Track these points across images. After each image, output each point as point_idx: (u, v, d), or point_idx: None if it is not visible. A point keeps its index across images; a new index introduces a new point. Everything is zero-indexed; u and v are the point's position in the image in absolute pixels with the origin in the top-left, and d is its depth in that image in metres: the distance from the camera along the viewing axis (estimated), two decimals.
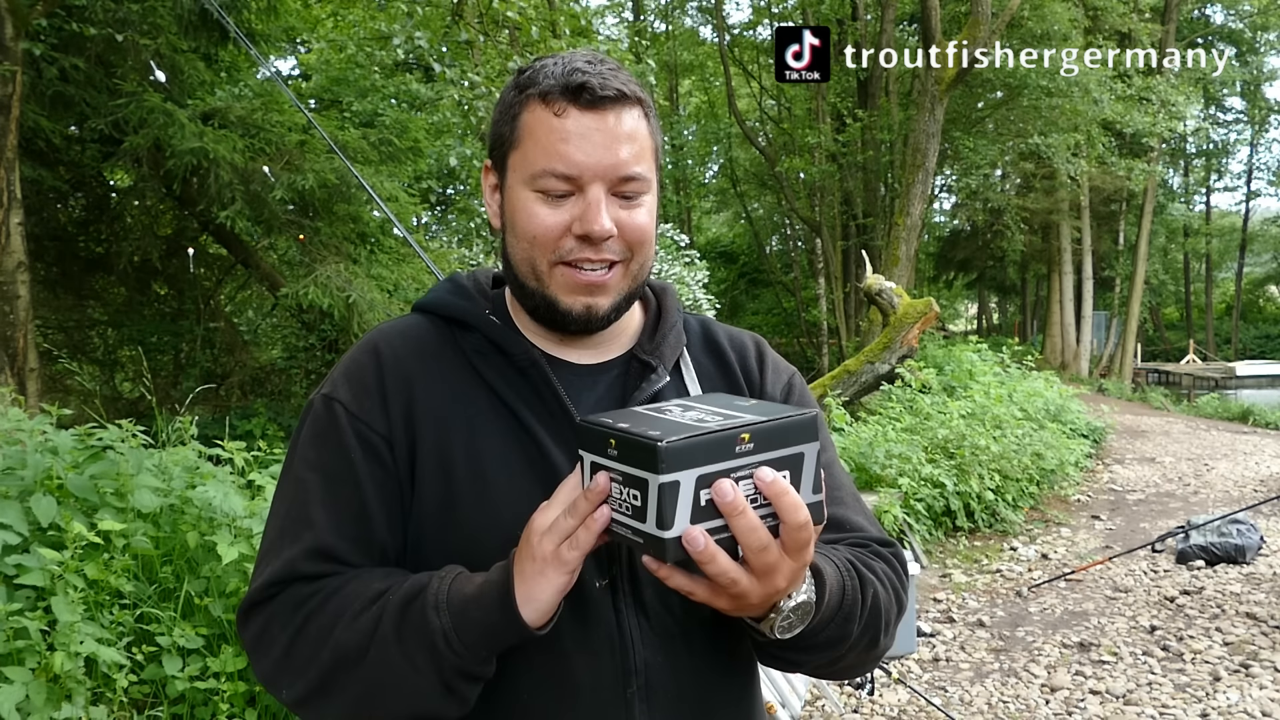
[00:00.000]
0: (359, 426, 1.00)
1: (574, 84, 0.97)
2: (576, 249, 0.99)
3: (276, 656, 0.96)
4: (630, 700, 0.99)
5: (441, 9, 9.43)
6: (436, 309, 1.10)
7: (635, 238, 1.01)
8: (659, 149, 1.06)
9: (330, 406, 1.03)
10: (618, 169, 0.98)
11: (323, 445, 1.02)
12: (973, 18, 12.50)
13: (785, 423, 0.84)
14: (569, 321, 1.02)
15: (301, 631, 0.94)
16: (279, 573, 0.97)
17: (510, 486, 0.99)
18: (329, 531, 0.98)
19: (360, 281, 6.92)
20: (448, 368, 1.05)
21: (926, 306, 8.66)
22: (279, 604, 0.97)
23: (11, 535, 2.69)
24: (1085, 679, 4.31)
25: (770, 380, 1.17)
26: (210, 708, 2.91)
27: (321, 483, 1.00)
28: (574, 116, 0.98)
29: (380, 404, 1.01)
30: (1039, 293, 31.51)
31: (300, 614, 0.95)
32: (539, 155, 0.99)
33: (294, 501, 1.01)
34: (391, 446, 1.00)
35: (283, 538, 1.00)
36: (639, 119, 1.01)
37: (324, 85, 9.14)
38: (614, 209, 0.99)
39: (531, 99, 1.00)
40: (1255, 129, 32.82)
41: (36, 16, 5.99)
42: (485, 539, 0.97)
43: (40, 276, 7.79)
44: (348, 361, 1.08)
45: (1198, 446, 11.96)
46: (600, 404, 1.06)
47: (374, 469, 1.00)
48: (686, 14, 25.07)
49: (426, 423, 1.01)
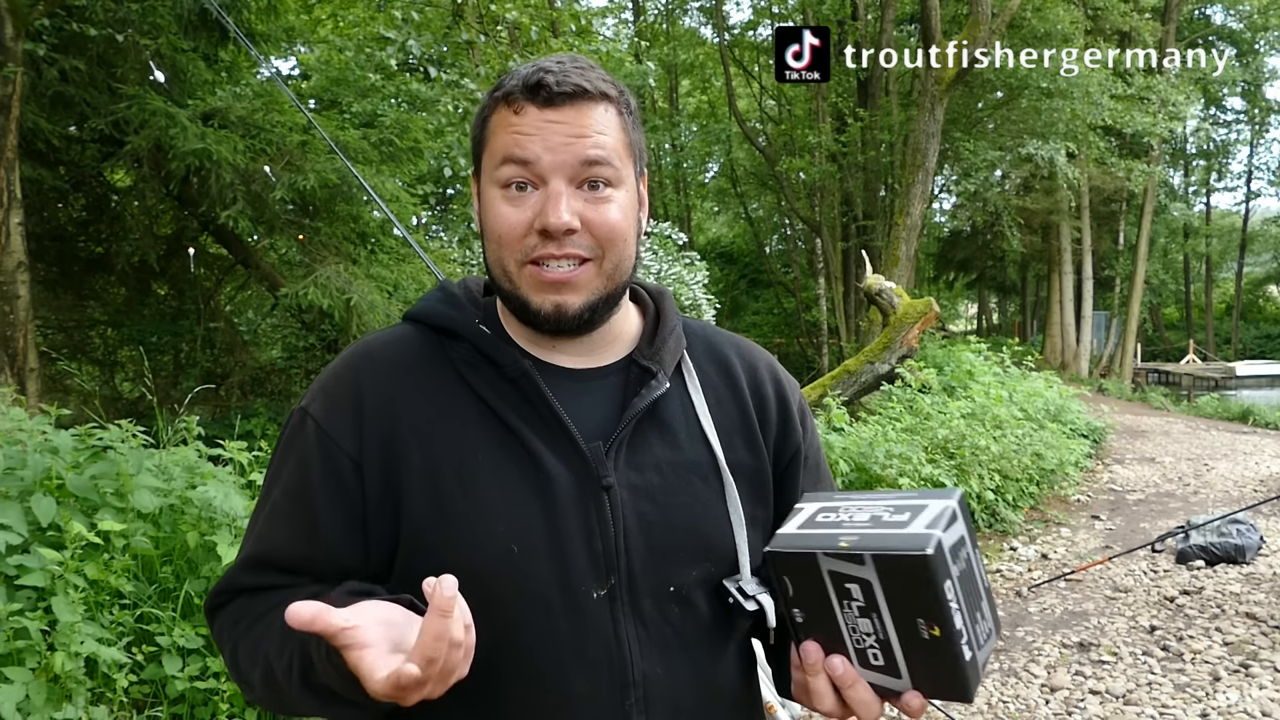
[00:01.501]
0: (326, 444, 1.00)
1: (532, 82, 0.97)
2: (540, 246, 0.98)
3: (229, 662, 1.03)
4: (629, 712, 0.98)
5: (442, 10, 9.44)
6: (426, 319, 1.08)
7: (604, 234, 0.99)
8: (635, 145, 1.04)
9: (303, 420, 1.02)
10: (577, 159, 0.97)
11: (286, 458, 1.03)
12: (973, 18, 12.50)
13: None
14: (540, 321, 1.01)
15: (237, 649, 1.00)
16: (226, 582, 1.04)
17: (503, 497, 0.98)
18: (274, 546, 1.01)
19: (360, 282, 6.91)
20: (436, 380, 1.03)
21: (926, 306, 8.66)
22: (225, 614, 1.04)
23: (12, 536, 2.69)
24: (1085, 679, 4.31)
25: (780, 407, 1.15)
26: (210, 708, 2.91)
27: (279, 496, 1.02)
28: (531, 113, 0.97)
29: (354, 423, 1.00)
30: (1039, 293, 31.51)
31: (237, 630, 1.01)
32: (499, 150, 0.99)
33: (259, 514, 1.05)
34: (360, 467, 0.99)
35: (243, 545, 1.05)
36: (606, 114, 1.00)
37: (324, 85, 9.14)
38: (578, 203, 0.98)
39: (498, 102, 1.00)
40: (1255, 129, 32.84)
41: (37, 17, 5.99)
42: (480, 551, 0.96)
43: (40, 276, 7.79)
44: (329, 374, 1.06)
45: (1198, 446, 11.96)
46: (598, 409, 1.04)
47: (332, 487, 0.99)
48: (687, 13, 25.07)
49: (411, 439, 0.99)
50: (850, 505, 0.93)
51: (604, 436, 1.01)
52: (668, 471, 1.03)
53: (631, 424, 1.02)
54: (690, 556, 1.02)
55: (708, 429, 1.07)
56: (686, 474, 1.04)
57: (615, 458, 1.01)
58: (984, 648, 0.87)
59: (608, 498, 0.99)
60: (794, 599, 0.90)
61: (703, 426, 1.08)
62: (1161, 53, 18.09)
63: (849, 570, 0.85)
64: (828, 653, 0.91)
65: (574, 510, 0.98)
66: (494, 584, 0.96)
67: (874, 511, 0.90)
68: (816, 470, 1.18)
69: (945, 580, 0.82)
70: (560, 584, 0.97)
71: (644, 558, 1.00)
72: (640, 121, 1.07)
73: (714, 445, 1.07)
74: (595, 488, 0.99)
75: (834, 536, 0.87)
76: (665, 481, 1.03)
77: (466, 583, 0.96)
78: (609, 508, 0.99)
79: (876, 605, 0.85)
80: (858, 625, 0.87)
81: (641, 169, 1.07)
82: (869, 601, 0.85)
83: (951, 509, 0.87)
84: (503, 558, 0.95)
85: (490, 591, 0.96)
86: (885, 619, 0.85)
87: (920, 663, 0.86)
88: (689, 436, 1.06)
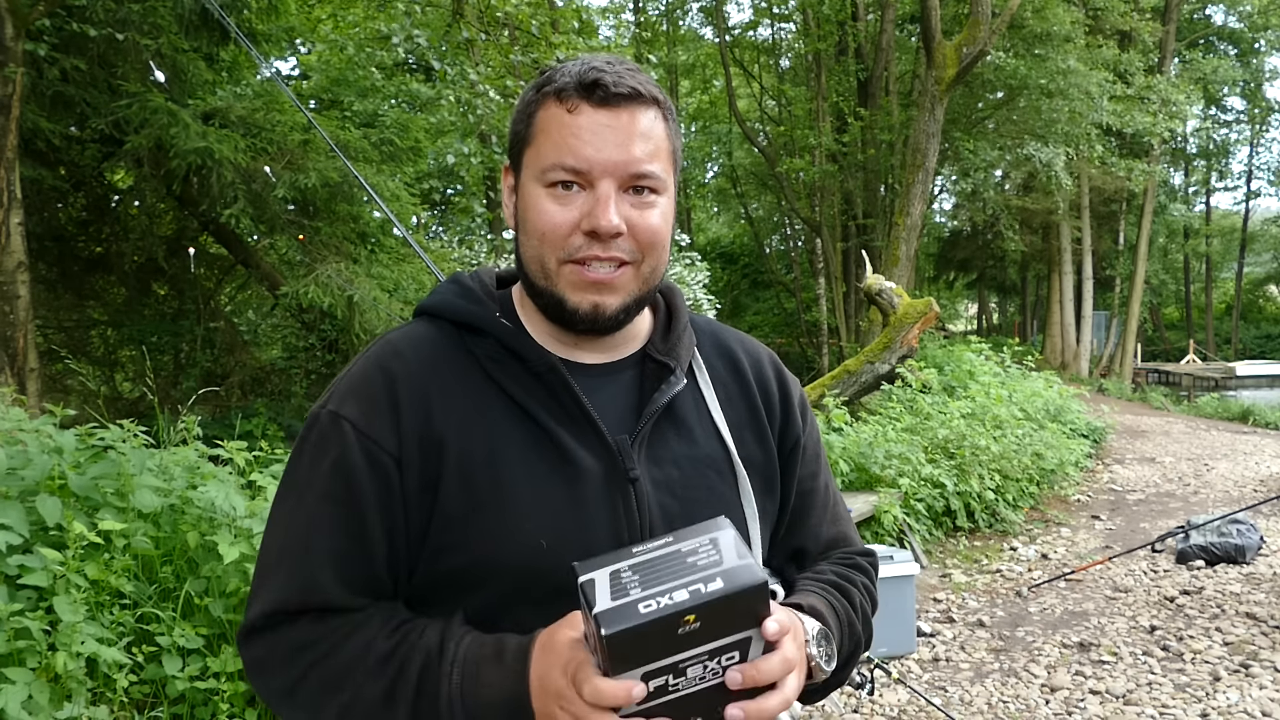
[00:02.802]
0: (368, 446, 0.97)
1: (588, 80, 0.97)
2: (585, 246, 0.98)
3: (277, 690, 0.97)
4: None
5: (442, 9, 9.44)
6: (444, 313, 1.07)
7: (646, 239, 0.99)
8: (677, 152, 1.04)
9: (338, 424, 0.98)
10: (629, 166, 0.97)
11: (328, 466, 0.98)
12: (973, 18, 12.51)
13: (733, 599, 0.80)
14: (576, 320, 1.01)
15: (305, 679, 0.95)
16: (278, 603, 0.97)
17: (534, 491, 0.98)
18: (326, 564, 0.96)
19: (361, 280, 6.92)
20: (462, 376, 1.02)
21: (926, 306, 8.66)
22: (279, 640, 0.97)
23: (13, 536, 2.69)
24: (1085, 679, 4.31)
25: (782, 400, 1.18)
26: (210, 708, 2.91)
27: (323, 508, 0.97)
28: (587, 113, 0.97)
29: (392, 421, 0.98)
30: (1039, 293, 31.52)
31: (304, 659, 0.95)
32: (550, 150, 0.98)
33: (295, 523, 0.99)
34: (401, 466, 0.97)
35: (281, 562, 0.98)
36: (655, 119, 1.00)
37: (324, 85, 9.14)
38: (625, 207, 0.98)
39: (547, 97, 1.00)
40: (1255, 129, 32.82)
41: (37, 16, 5.98)
42: (510, 545, 0.96)
43: (40, 276, 7.79)
44: (356, 375, 1.03)
45: (1198, 446, 11.96)
46: (616, 404, 1.05)
47: (380, 493, 0.96)
48: (687, 13, 25.06)
49: (445, 435, 0.98)
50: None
51: (625, 430, 1.03)
52: (685, 466, 1.05)
53: (652, 419, 1.04)
54: None
55: (720, 424, 1.09)
56: (703, 468, 1.06)
57: (638, 452, 1.02)
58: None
59: (634, 490, 1.00)
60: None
61: (715, 422, 1.09)
62: (1161, 53, 18.08)
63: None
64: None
65: (602, 503, 0.99)
66: (522, 577, 0.97)
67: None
68: (816, 461, 1.20)
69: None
70: None
71: None
72: (679, 128, 1.07)
73: (727, 440, 1.08)
74: (622, 480, 1.00)
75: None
76: (684, 475, 1.04)
77: (496, 575, 0.96)
78: (635, 500, 1.00)
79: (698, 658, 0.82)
80: (690, 679, 0.83)
81: (679, 176, 1.07)
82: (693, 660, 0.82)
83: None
84: (532, 551, 0.96)
85: (518, 584, 0.96)
86: (702, 661, 0.82)
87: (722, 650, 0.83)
88: (703, 432, 1.08)
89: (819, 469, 1.20)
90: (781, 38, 22.93)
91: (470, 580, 0.98)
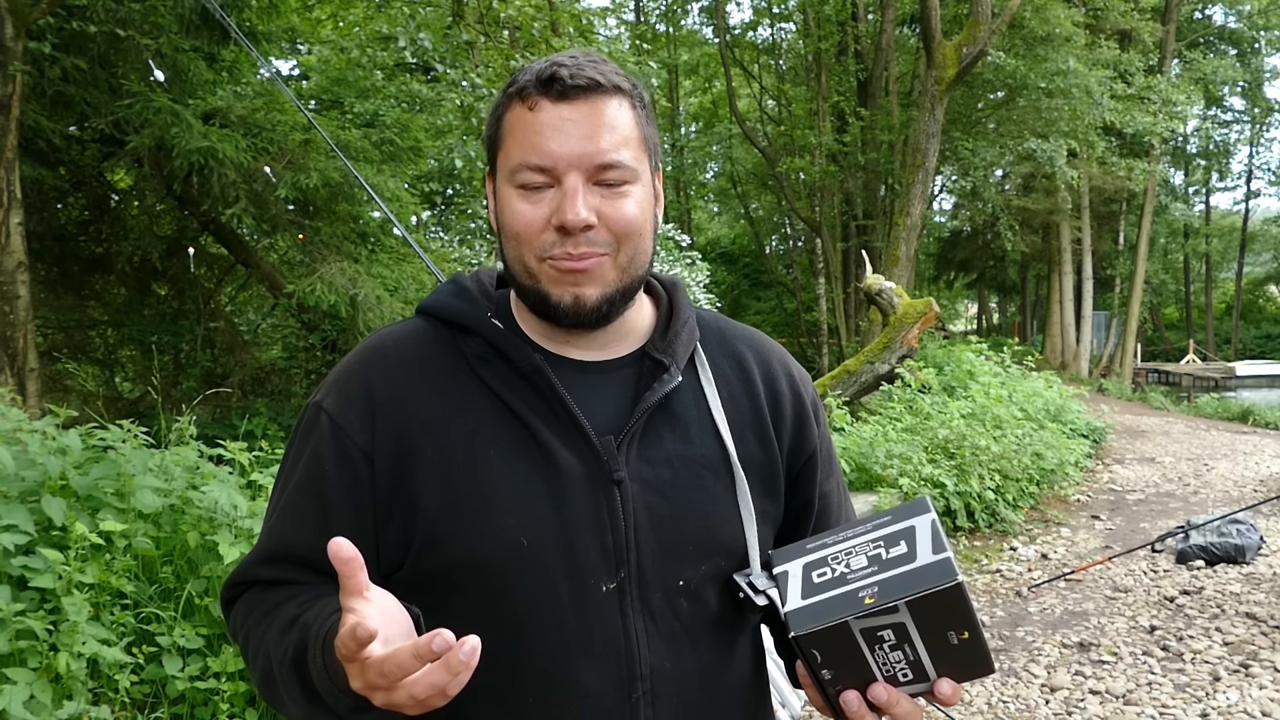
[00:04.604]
0: (340, 436, 1.00)
1: (545, 76, 0.97)
2: (558, 243, 0.97)
3: (240, 651, 1.08)
4: (636, 705, 0.99)
5: (442, 10, 9.45)
6: (437, 312, 1.08)
7: (620, 228, 0.98)
8: (649, 140, 1.03)
9: (317, 414, 1.03)
10: (594, 157, 0.96)
11: (301, 452, 1.04)
12: (973, 18, 12.52)
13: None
14: (559, 314, 1.00)
15: (247, 641, 1.03)
16: (240, 573, 1.06)
17: (514, 490, 0.98)
18: (287, 539, 1.03)
19: (363, 279, 6.92)
20: (449, 374, 1.03)
21: (926, 306, 8.67)
22: (238, 606, 1.06)
23: (19, 536, 2.70)
24: (1085, 679, 4.31)
25: (794, 405, 1.15)
26: (210, 708, 2.92)
27: (292, 490, 1.03)
28: (547, 108, 0.97)
29: (366, 417, 1.00)
30: (1039, 293, 31.53)
31: (247, 623, 1.03)
32: (516, 150, 0.98)
33: (276, 505, 1.06)
34: (371, 460, 0.99)
35: (259, 538, 1.07)
36: (621, 108, 0.99)
37: (325, 85, 9.15)
38: (594, 199, 0.97)
39: (512, 98, 1.00)
40: (1255, 129, 32.82)
41: (38, 15, 5.99)
42: (490, 543, 0.97)
43: (40, 276, 7.79)
44: (342, 368, 1.07)
45: (1198, 446, 11.96)
46: (610, 402, 1.04)
47: (346, 480, 1.00)
48: (688, 13, 25.08)
49: (423, 434, 0.99)
50: (836, 551, 0.95)
51: (616, 430, 1.01)
52: (678, 465, 1.03)
53: (644, 417, 1.02)
54: (700, 551, 1.02)
55: (720, 423, 1.07)
56: (697, 468, 1.04)
57: (627, 451, 1.01)
58: None
59: (619, 491, 0.99)
60: (822, 663, 0.91)
61: (715, 420, 1.07)
62: (1162, 53, 18.09)
63: (881, 621, 0.87)
64: (861, 688, 0.93)
65: (585, 504, 0.99)
66: (504, 576, 0.97)
67: (865, 551, 0.92)
68: (829, 463, 1.19)
69: (968, 592, 0.85)
70: (570, 577, 0.97)
71: (654, 552, 1.00)
72: (654, 116, 1.06)
73: (725, 439, 1.06)
74: (606, 481, 0.99)
75: (853, 597, 0.88)
76: (676, 475, 1.03)
77: (476, 574, 0.97)
78: (619, 501, 0.99)
79: (909, 638, 0.88)
80: (889, 659, 0.90)
81: (656, 164, 1.06)
82: (900, 638, 0.88)
83: (934, 520, 0.90)
84: (513, 550, 0.96)
85: (499, 583, 0.97)
86: (917, 644, 0.88)
87: (948, 662, 0.89)
88: (701, 430, 1.06)
89: (832, 469, 1.20)
90: (782, 38, 22.96)
91: (454, 578, 0.98)
